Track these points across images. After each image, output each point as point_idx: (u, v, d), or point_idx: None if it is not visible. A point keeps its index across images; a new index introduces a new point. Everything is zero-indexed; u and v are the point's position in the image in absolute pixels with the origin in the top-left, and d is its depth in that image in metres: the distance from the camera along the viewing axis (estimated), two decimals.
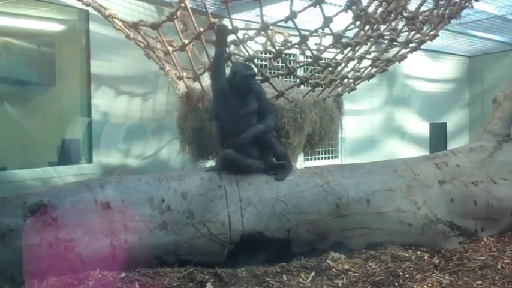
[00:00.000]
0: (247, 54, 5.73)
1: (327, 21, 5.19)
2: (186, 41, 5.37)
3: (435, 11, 6.13)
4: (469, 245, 5.21)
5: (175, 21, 5.17)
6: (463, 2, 6.17)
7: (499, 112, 6.13)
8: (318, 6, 5.08)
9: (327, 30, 5.56)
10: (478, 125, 9.64)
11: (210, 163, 5.95)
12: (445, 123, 12.17)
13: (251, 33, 7.13)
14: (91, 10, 5.99)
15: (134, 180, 4.57)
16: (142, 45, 5.78)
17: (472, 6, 6.60)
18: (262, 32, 6.86)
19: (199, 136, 5.72)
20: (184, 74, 5.75)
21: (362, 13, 5.63)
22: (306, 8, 5.12)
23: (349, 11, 5.56)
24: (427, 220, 5.09)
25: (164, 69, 5.91)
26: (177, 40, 5.57)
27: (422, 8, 6.14)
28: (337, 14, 5.35)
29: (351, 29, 6.04)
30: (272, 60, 7.13)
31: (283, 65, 6.95)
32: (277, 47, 5.78)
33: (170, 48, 5.54)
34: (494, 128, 6.07)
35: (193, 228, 4.45)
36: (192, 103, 5.68)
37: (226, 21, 6.32)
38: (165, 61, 5.88)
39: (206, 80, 5.81)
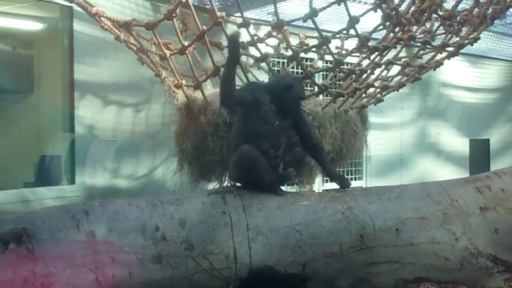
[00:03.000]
0: (258, 55, 5.73)
1: (353, 21, 5.21)
2: (186, 43, 5.40)
3: (475, 10, 6.14)
4: None
5: (174, 20, 5.20)
6: (508, 0, 6.18)
7: None
8: (342, 3, 5.11)
9: (351, 32, 5.58)
10: None
11: (213, 185, 5.95)
12: (488, 140, 12.17)
13: (261, 34, 7.16)
14: (75, 7, 6.03)
15: (124, 205, 4.55)
16: (135, 48, 5.80)
17: None
18: (274, 33, 6.96)
19: (201, 154, 5.74)
20: (184, 81, 5.77)
21: (393, 12, 5.65)
22: (329, 5, 5.14)
23: (379, 10, 5.58)
24: (467, 253, 5.04)
25: (160, 76, 5.93)
26: (175, 42, 5.60)
27: (460, 7, 6.16)
28: (365, 13, 5.38)
29: (379, 30, 6.06)
30: (286, 64, 7.14)
31: (298, 71, 6.97)
32: (293, 50, 5.77)
33: (167, 52, 5.58)
34: None
35: (192, 261, 4.42)
36: (192, 115, 5.70)
37: (231, 20, 6.37)
38: (161, 66, 5.91)
39: (209, 88, 5.84)
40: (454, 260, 5.00)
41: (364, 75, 6.24)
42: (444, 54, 6.41)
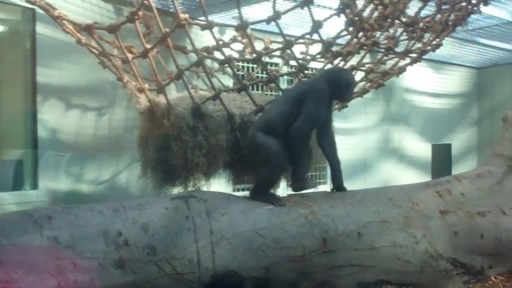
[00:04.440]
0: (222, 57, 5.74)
1: (316, 25, 5.24)
2: (149, 46, 5.37)
3: (438, 17, 6.21)
4: (474, 285, 5.25)
5: (137, 23, 5.16)
6: (469, 6, 6.26)
7: (510, 133, 6.20)
8: (306, 8, 5.13)
9: (315, 37, 5.61)
10: (487, 146, 9.73)
11: (177, 190, 5.92)
12: (450, 144, 12.32)
13: (226, 38, 7.17)
14: (38, 9, 5.96)
15: (86, 210, 4.52)
16: (97, 51, 5.75)
17: (481, 12, 6.70)
18: (239, 38, 6.98)
19: (164, 158, 5.70)
20: (147, 85, 5.73)
21: (356, 18, 5.69)
22: (292, 9, 5.16)
23: (342, 15, 5.61)
24: (427, 256, 5.11)
25: (122, 79, 5.88)
26: (138, 45, 5.56)
27: (423, 13, 6.22)
28: (328, 18, 5.41)
29: (343, 35, 6.10)
30: (251, 69, 7.15)
31: (263, 75, 6.99)
32: (256, 53, 5.77)
33: (129, 55, 5.53)
34: (505, 150, 6.13)
35: (155, 266, 4.40)
36: (155, 120, 5.67)
37: (196, 23, 6.35)
38: (123, 70, 5.86)
39: (172, 92, 5.81)
40: (415, 263, 5.06)
41: None
42: (407, 60, 6.47)
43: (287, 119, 5.08)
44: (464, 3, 6.29)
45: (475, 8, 6.42)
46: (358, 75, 6.41)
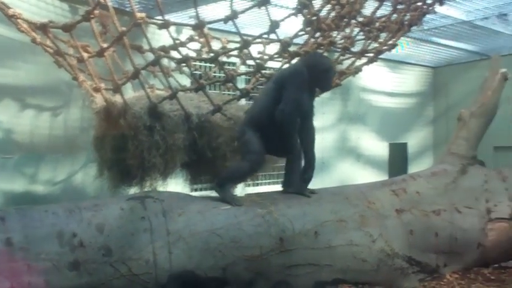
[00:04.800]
0: (179, 56, 5.71)
1: (274, 25, 5.25)
2: (105, 46, 5.32)
3: (394, 17, 6.27)
4: (429, 283, 5.32)
5: (92, 21, 5.11)
6: (425, 6, 6.33)
7: (465, 132, 6.29)
8: (263, 7, 5.13)
9: (272, 36, 5.61)
10: (443, 145, 9.86)
11: (134, 190, 5.88)
12: (406, 144, 12.45)
13: (183, 37, 7.14)
14: None
15: (40, 211, 4.48)
16: (52, 50, 5.69)
17: (436, 12, 6.78)
18: (197, 37, 6.95)
19: (121, 158, 5.64)
20: (103, 85, 5.67)
21: (313, 18, 5.72)
22: (249, 8, 5.16)
23: (299, 15, 5.63)
24: (383, 255, 5.16)
25: (77, 79, 5.80)
26: (93, 45, 5.51)
27: (379, 13, 6.27)
28: (286, 18, 5.42)
29: (300, 35, 6.12)
30: (207, 67, 7.14)
31: (221, 75, 6.98)
32: (213, 52, 5.77)
33: (85, 55, 5.46)
34: (459, 149, 6.22)
35: (110, 267, 4.37)
36: (111, 119, 5.62)
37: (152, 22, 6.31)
38: (78, 70, 5.80)
39: (129, 91, 5.76)
40: (371, 261, 5.11)
41: None
42: (364, 59, 6.52)
43: (272, 108, 5.11)
44: (419, 3, 6.37)
45: (430, 8, 6.50)
46: None
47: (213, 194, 5.62)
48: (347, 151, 10.76)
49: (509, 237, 5.75)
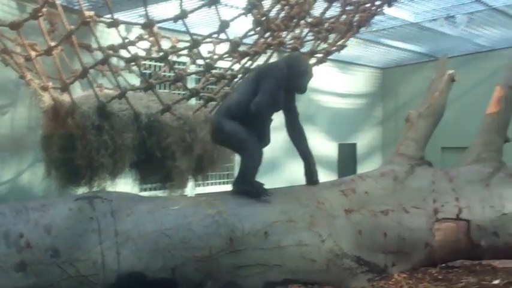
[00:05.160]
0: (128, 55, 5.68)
1: (224, 25, 5.26)
2: (53, 44, 5.26)
3: (342, 18, 6.33)
4: (378, 283, 5.33)
5: (40, 19, 5.06)
6: (373, 8, 6.41)
7: (413, 132, 6.37)
8: (213, 7, 5.13)
9: (222, 36, 5.62)
10: (392, 145, 9.99)
11: (82, 190, 5.82)
12: (355, 144, 12.57)
13: (133, 36, 7.10)
14: None
15: None
16: None
17: (384, 13, 6.87)
18: (146, 36, 6.92)
19: (69, 158, 5.60)
20: (50, 83, 5.62)
21: (263, 18, 5.74)
22: (199, 7, 5.16)
23: (249, 15, 5.65)
24: (332, 255, 5.17)
25: (24, 77, 5.73)
26: (41, 43, 5.44)
27: (329, 14, 6.33)
28: (236, 18, 5.43)
29: (250, 35, 6.14)
30: (157, 67, 7.10)
31: (170, 75, 6.96)
32: (163, 51, 5.75)
33: (33, 53, 5.40)
34: (407, 150, 6.29)
35: (58, 268, 4.32)
36: (59, 118, 5.56)
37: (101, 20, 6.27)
38: (26, 68, 5.73)
39: (77, 90, 5.71)
40: (320, 261, 5.12)
41: (236, 80, 6.30)
42: (313, 60, 6.56)
43: (249, 100, 5.14)
44: (368, 5, 6.44)
45: (379, 10, 6.58)
46: None
47: (163, 193, 5.61)
48: (297, 152, 10.79)
49: (456, 237, 5.81)
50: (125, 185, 6.13)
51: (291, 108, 5.56)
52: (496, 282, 5.42)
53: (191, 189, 8.06)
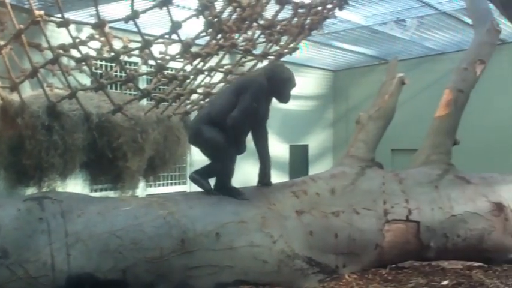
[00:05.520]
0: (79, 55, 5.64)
1: (175, 26, 5.25)
2: (2, 43, 5.21)
3: (294, 21, 6.37)
4: (329, 284, 5.37)
5: None
6: (325, 11, 6.47)
7: (363, 134, 6.45)
8: (165, 8, 5.12)
9: (174, 37, 5.62)
10: (343, 146, 10.10)
11: (32, 191, 5.76)
12: (307, 145, 12.65)
13: (84, 36, 7.05)
14: None
15: None
16: None
17: (336, 16, 6.94)
18: (97, 36, 6.87)
19: (18, 158, 5.53)
20: None
21: (215, 20, 5.75)
22: (151, 8, 5.15)
23: (201, 17, 5.65)
24: (284, 256, 5.19)
25: None
26: None
27: (281, 16, 6.37)
28: (188, 19, 5.43)
29: (202, 36, 6.15)
30: (108, 67, 7.06)
31: (122, 75, 6.93)
32: (114, 51, 5.73)
33: None
34: (358, 152, 6.36)
35: (7, 270, 4.28)
36: (8, 118, 5.49)
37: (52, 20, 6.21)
38: None
39: (27, 90, 5.64)
40: (272, 262, 5.15)
41: (188, 81, 6.29)
42: (265, 62, 6.59)
43: (227, 110, 5.26)
44: (319, 8, 6.50)
45: (331, 13, 6.64)
46: (217, 77, 6.47)
47: (114, 194, 5.58)
48: (249, 153, 10.81)
49: (405, 239, 5.89)
50: (76, 185, 6.08)
51: (266, 113, 5.64)
52: (445, 282, 5.53)
53: (142, 190, 8.02)
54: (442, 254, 6.08)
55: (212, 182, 5.53)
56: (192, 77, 6.19)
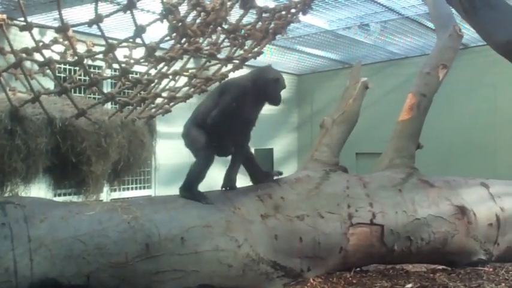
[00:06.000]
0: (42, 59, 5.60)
1: (139, 30, 5.23)
2: None
3: (259, 25, 6.39)
4: (294, 287, 5.42)
5: None
6: (289, 15, 6.49)
7: (327, 138, 6.50)
8: (128, 11, 5.11)
9: (138, 41, 5.60)
10: (308, 150, 10.15)
11: None
12: (272, 149, 12.68)
13: (47, 40, 6.99)
14: None
15: None
16: None
17: (300, 21, 6.97)
18: (61, 40, 6.83)
19: None
20: None
21: (179, 24, 5.74)
22: (115, 12, 5.12)
23: (165, 21, 5.64)
24: (249, 260, 5.22)
25: None
26: None
27: (246, 21, 6.38)
28: (152, 23, 5.42)
29: (166, 40, 6.13)
30: (72, 70, 7.02)
31: (86, 79, 6.88)
32: (78, 55, 5.70)
33: None
34: (322, 156, 6.42)
35: None
36: None
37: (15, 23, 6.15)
38: None
39: None
40: (237, 266, 5.17)
41: (152, 85, 6.28)
42: (230, 66, 6.60)
43: (211, 112, 5.45)
44: (283, 12, 6.52)
45: (295, 17, 6.66)
46: (182, 81, 6.46)
47: (78, 199, 5.54)
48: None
49: (369, 242, 5.95)
50: (39, 190, 6.02)
51: (253, 117, 5.82)
52: (409, 286, 5.60)
53: (107, 194, 7.98)
54: (406, 257, 6.16)
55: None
56: (156, 81, 6.17)
